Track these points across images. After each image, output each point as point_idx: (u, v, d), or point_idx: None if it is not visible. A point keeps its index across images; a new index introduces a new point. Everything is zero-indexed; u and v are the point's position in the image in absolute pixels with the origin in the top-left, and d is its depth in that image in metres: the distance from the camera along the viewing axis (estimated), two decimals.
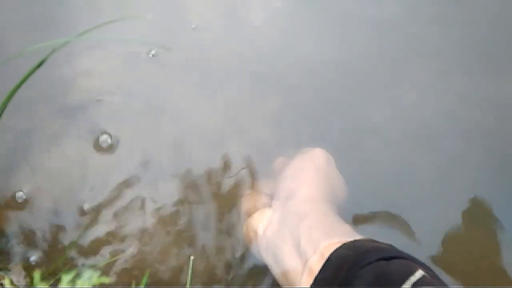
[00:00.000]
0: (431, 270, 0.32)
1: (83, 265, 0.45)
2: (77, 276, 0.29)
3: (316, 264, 0.34)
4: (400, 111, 0.55)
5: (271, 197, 0.43)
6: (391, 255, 0.32)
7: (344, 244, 0.34)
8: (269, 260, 0.39)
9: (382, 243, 0.35)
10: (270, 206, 0.42)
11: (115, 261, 0.46)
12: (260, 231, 0.41)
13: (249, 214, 0.44)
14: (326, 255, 0.34)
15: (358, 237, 0.36)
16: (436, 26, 0.58)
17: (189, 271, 0.46)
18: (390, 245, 0.35)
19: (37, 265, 0.47)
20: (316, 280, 0.33)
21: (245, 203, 0.46)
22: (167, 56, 0.56)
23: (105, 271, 0.45)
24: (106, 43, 0.56)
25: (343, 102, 0.55)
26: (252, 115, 0.55)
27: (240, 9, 0.58)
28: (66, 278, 0.29)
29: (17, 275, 0.47)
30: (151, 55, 0.55)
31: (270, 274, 0.39)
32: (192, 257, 0.47)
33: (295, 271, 0.36)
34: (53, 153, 0.52)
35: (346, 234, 0.36)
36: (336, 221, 0.38)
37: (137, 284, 0.43)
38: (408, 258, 0.33)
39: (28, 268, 0.47)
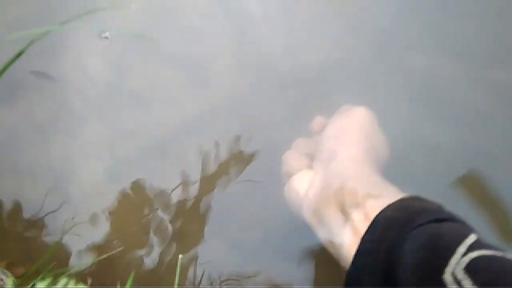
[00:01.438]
0: (480, 235, 0.31)
1: (66, 267, 0.44)
2: (53, 283, 0.28)
3: (361, 224, 0.34)
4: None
5: (311, 157, 0.42)
6: (442, 217, 0.32)
7: (391, 204, 0.33)
8: (313, 222, 0.38)
9: (430, 202, 0.34)
10: (310, 166, 0.41)
11: (98, 262, 0.45)
12: (302, 193, 0.40)
13: (290, 175, 0.42)
14: (372, 216, 0.33)
15: (403, 196, 0.35)
16: (437, 20, 0.56)
17: (177, 270, 0.45)
18: (439, 206, 0.34)
19: None
20: (363, 240, 0.33)
21: (286, 164, 0.44)
22: (155, 46, 0.54)
23: (87, 273, 0.44)
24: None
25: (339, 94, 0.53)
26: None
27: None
28: (41, 284, 0.27)
29: None
30: (104, 36, 0.53)
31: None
32: (180, 256, 0.46)
33: (340, 233, 0.35)
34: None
35: (391, 194, 0.35)
36: (380, 182, 0.37)
37: (122, 285, 0.42)
38: (459, 221, 0.32)
39: None
